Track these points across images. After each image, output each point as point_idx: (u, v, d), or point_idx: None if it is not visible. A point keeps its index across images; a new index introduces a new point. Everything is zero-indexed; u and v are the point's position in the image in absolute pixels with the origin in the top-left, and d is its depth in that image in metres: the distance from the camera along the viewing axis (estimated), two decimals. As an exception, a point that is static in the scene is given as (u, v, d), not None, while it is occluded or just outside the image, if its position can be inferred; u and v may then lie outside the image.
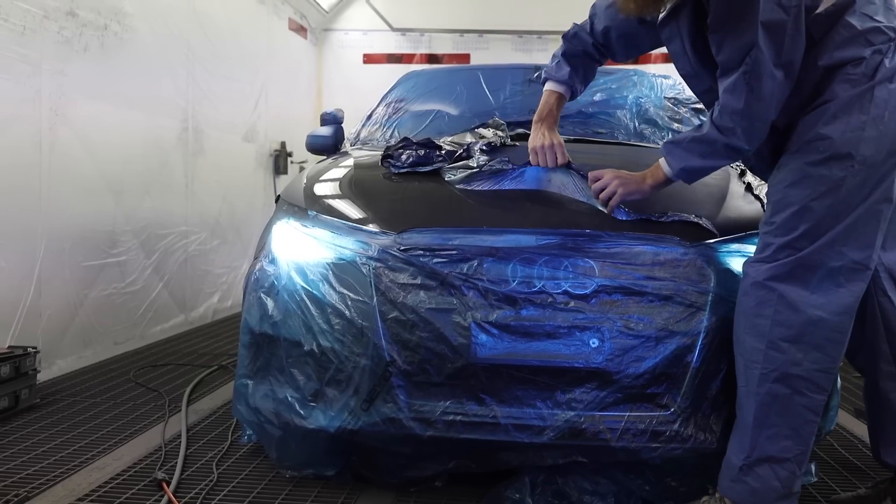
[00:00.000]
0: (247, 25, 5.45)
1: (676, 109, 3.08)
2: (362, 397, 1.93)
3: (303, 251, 2.11)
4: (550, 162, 2.20)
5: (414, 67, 5.58)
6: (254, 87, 5.54)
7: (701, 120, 2.62)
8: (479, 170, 2.22)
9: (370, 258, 1.99)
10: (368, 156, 2.64)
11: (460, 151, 2.31)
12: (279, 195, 2.52)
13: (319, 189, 2.38)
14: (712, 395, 1.90)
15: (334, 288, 1.99)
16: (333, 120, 3.32)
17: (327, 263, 2.04)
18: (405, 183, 2.28)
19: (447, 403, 1.90)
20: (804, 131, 1.77)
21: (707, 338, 1.90)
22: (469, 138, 2.52)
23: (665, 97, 3.14)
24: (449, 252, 1.96)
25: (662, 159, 1.97)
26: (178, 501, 2.02)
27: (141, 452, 2.40)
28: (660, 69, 4.42)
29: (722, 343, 1.89)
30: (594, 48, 2.25)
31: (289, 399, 2.03)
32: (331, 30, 7.12)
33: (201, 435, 2.59)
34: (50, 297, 3.32)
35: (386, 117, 3.22)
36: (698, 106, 3.05)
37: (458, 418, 1.89)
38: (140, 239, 4.05)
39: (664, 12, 1.90)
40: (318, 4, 6.74)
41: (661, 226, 2.03)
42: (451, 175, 2.24)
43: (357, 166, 2.51)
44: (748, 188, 2.30)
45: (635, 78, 3.22)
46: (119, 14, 3.78)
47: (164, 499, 2.03)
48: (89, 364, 3.56)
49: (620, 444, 1.87)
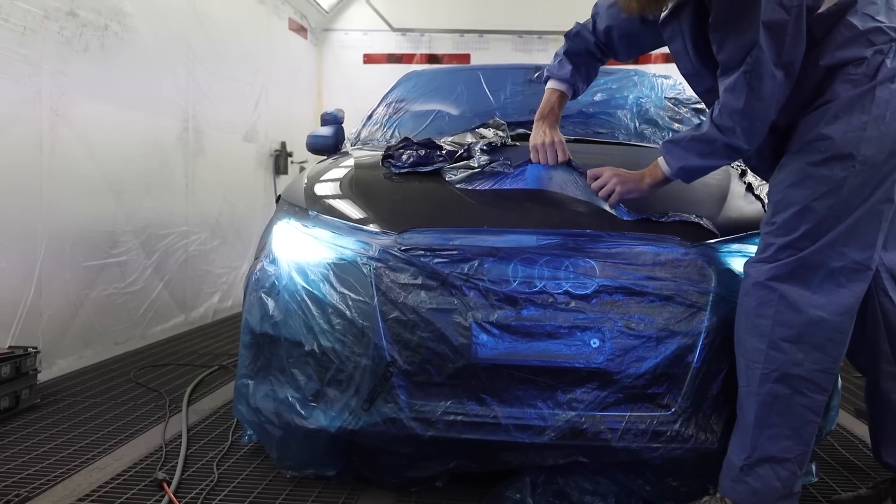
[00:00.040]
0: (247, 25, 5.45)
1: (677, 109, 3.08)
2: (363, 397, 1.93)
3: (303, 251, 2.11)
4: (551, 160, 2.19)
5: (414, 67, 5.57)
6: (254, 88, 5.54)
7: (701, 120, 2.62)
8: (480, 170, 2.22)
9: (371, 258, 1.99)
10: (369, 156, 2.63)
11: (461, 151, 2.31)
12: (280, 195, 2.52)
13: (320, 189, 2.38)
14: (713, 396, 1.90)
15: (335, 288, 1.99)
16: (334, 120, 3.32)
17: (328, 263, 2.04)
18: (406, 183, 2.28)
19: (448, 403, 1.90)
20: (805, 131, 1.77)
21: (708, 338, 1.90)
22: (470, 138, 2.52)
23: (666, 97, 3.14)
24: (450, 252, 1.96)
25: (661, 158, 1.96)
26: (179, 502, 2.02)
27: (141, 452, 2.40)
28: (660, 69, 4.42)
29: (723, 343, 1.89)
30: (596, 47, 2.25)
31: (289, 399, 2.03)
32: (331, 30, 7.12)
33: (202, 435, 2.59)
34: (50, 298, 3.32)
35: (386, 117, 3.21)
36: (699, 106, 3.05)
37: (459, 418, 1.89)
38: (140, 239, 4.05)
39: (666, 11, 1.90)
40: (319, 4, 6.74)
41: (662, 226, 2.02)
42: (452, 175, 2.24)
43: (358, 166, 2.51)
44: (749, 188, 2.30)
45: (636, 78, 3.22)
46: (119, 14, 3.78)
47: (165, 499, 2.03)
48: (90, 364, 3.56)
49: (621, 445, 1.87)
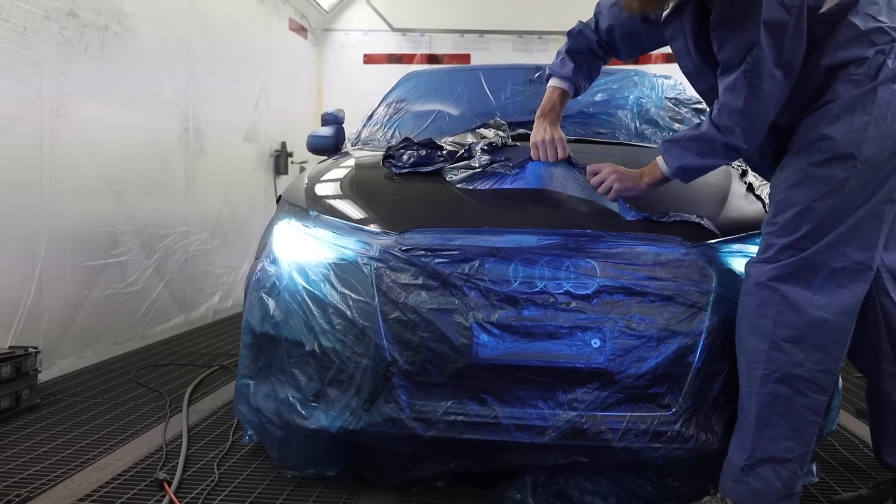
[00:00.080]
0: (247, 25, 5.45)
1: (677, 110, 3.07)
2: (364, 397, 1.93)
3: (304, 251, 2.11)
4: (551, 157, 2.19)
5: (414, 68, 5.57)
6: (254, 88, 5.54)
7: (701, 120, 2.62)
8: (481, 170, 2.22)
9: (372, 258, 1.99)
10: (369, 156, 2.63)
11: (461, 151, 2.31)
12: (280, 195, 2.52)
13: (321, 189, 2.38)
14: (714, 396, 1.90)
15: (336, 288, 1.99)
16: (334, 120, 3.32)
17: (329, 264, 2.04)
18: (406, 183, 2.28)
19: (449, 403, 1.90)
20: (807, 131, 1.77)
21: (709, 338, 1.89)
22: (470, 138, 2.52)
23: (666, 97, 3.14)
24: (450, 252, 1.96)
25: (660, 157, 1.96)
26: (180, 502, 2.02)
27: (142, 453, 2.40)
28: (661, 69, 4.42)
29: (723, 343, 1.89)
30: (598, 46, 2.25)
31: (290, 399, 2.03)
32: (331, 30, 7.12)
33: (202, 435, 2.59)
34: (51, 298, 3.32)
35: (387, 117, 3.21)
36: (699, 106, 3.05)
37: (460, 418, 1.89)
38: (141, 239, 4.05)
39: (668, 10, 1.90)
40: (319, 4, 6.74)
41: (663, 226, 2.02)
42: (453, 175, 2.24)
43: (358, 166, 2.51)
44: (750, 188, 2.30)
45: (636, 78, 3.21)
46: (120, 14, 3.78)
47: (166, 499, 2.02)
48: (90, 364, 3.56)
49: (622, 445, 1.86)
